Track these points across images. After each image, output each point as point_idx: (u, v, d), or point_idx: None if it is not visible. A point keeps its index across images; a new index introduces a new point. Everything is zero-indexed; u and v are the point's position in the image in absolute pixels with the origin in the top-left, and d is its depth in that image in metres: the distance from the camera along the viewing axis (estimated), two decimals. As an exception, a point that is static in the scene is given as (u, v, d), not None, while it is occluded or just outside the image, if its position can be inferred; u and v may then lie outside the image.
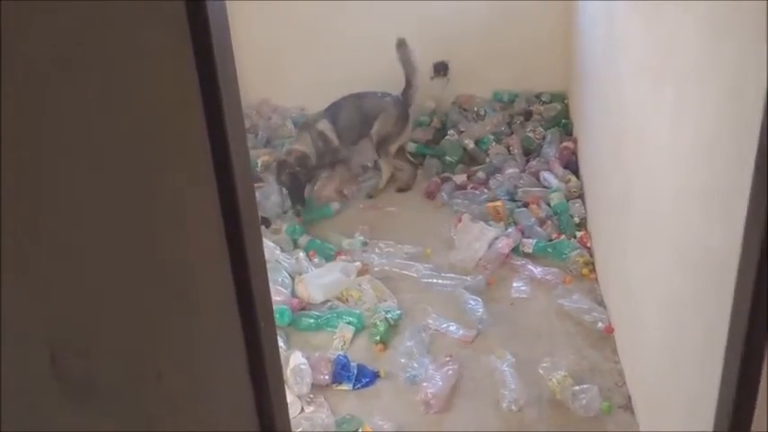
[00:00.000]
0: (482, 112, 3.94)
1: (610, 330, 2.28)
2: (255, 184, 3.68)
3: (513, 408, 2.00)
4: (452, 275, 2.67)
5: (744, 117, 1.10)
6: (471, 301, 2.48)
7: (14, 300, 0.69)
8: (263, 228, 3.11)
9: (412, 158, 3.58)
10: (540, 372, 2.10)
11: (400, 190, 3.49)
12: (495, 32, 3.98)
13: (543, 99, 3.96)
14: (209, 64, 0.81)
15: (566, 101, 3.91)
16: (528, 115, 3.86)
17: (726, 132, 1.22)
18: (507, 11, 3.94)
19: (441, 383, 2.06)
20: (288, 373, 2.10)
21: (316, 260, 2.83)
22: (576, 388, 2.01)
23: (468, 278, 2.62)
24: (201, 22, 0.79)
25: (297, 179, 3.28)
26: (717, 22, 1.27)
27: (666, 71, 1.64)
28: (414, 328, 2.37)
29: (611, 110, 2.51)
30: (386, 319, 2.36)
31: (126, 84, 0.75)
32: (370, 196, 3.45)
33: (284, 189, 3.34)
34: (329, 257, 2.87)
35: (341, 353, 2.25)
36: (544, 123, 3.75)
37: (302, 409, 2.07)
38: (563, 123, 3.72)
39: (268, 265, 2.63)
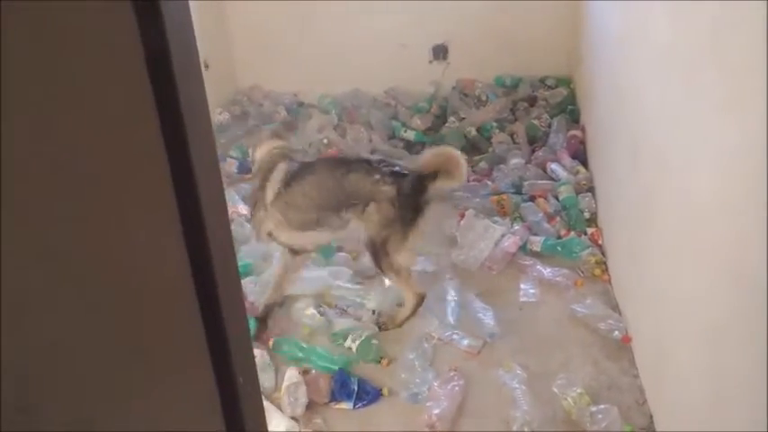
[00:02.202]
0: (484, 98, 3.74)
1: (627, 340, 2.12)
2: (246, 176, 3.49)
3: (526, 430, 1.84)
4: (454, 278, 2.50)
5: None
6: (477, 308, 2.31)
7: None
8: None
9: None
10: (555, 390, 1.94)
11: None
12: (496, 13, 3.77)
13: (548, 84, 3.76)
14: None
15: (572, 85, 3.71)
16: (532, 101, 3.67)
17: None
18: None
19: (446, 403, 1.90)
20: (282, 392, 1.93)
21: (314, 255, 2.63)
22: (594, 408, 1.85)
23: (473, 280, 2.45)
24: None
25: None
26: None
27: (710, 57, 1.45)
28: (416, 337, 2.20)
29: (625, 98, 2.32)
30: (365, 339, 2.14)
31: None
32: (380, 327, 2.27)
33: None
34: (328, 253, 2.67)
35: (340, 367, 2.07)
36: (549, 110, 3.56)
37: (297, 433, 1.90)
38: (569, 110, 3.53)
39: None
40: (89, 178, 0.61)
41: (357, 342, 2.09)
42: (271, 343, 2.17)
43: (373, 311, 2.29)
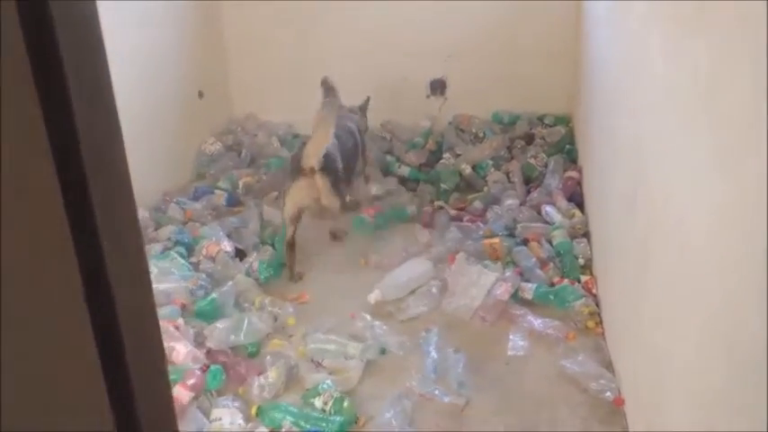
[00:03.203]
0: (481, 134, 3.67)
1: (620, 402, 1.99)
2: (235, 208, 3.41)
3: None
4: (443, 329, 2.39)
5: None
6: (461, 360, 2.20)
7: None
8: (236, 260, 2.83)
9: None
10: (539, 457, 1.82)
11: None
12: (495, 49, 3.72)
13: (546, 122, 3.69)
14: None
15: (570, 124, 3.63)
16: (530, 139, 3.59)
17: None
18: (509, 26, 3.68)
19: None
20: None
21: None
22: (581, 482, 1.73)
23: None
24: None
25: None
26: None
27: (705, 106, 1.35)
28: (395, 392, 2.09)
29: (622, 141, 2.22)
30: (337, 399, 2.03)
31: None
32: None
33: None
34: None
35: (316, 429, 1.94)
36: (547, 148, 3.48)
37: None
38: (567, 149, 3.45)
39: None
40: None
41: (330, 403, 1.97)
42: (254, 410, 2.04)
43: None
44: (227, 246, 2.88)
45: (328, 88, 3.11)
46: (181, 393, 2.03)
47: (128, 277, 0.69)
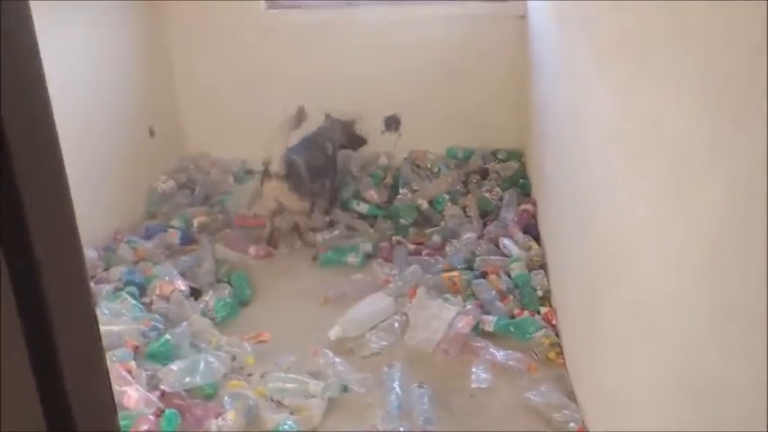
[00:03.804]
0: (436, 170, 3.71)
1: (583, 433, 2.00)
2: (189, 247, 3.33)
3: None
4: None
5: (762, 217, 0.86)
6: (425, 395, 2.17)
7: None
8: (191, 300, 2.74)
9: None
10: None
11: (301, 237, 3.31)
12: (447, 85, 3.80)
13: (499, 156, 3.77)
14: None
15: (523, 159, 3.72)
16: (484, 173, 3.65)
17: (737, 236, 0.97)
18: (460, 64, 3.77)
19: None
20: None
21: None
22: None
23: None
24: None
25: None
26: (719, 97, 1.03)
27: (650, 148, 1.40)
28: (358, 431, 2.04)
29: (573, 175, 2.28)
30: None
31: None
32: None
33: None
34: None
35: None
36: (501, 183, 3.54)
37: None
38: (521, 183, 3.52)
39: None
40: None
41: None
42: None
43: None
44: (182, 285, 2.79)
45: (300, 117, 3.29)
46: (134, 440, 1.93)
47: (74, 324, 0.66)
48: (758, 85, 0.86)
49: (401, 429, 2.05)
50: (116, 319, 2.47)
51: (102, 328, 2.42)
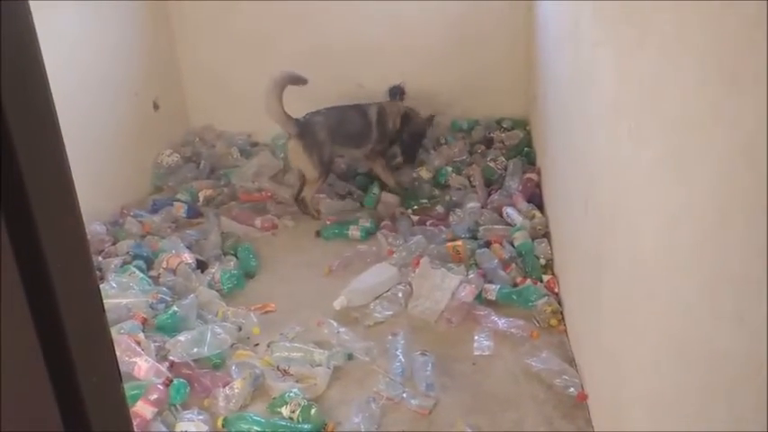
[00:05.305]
0: (443, 141, 3.71)
1: (583, 398, 2.03)
2: (195, 220, 3.36)
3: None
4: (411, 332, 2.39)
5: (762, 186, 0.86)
6: (429, 362, 2.20)
7: None
8: (198, 272, 2.78)
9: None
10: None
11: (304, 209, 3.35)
12: (452, 55, 3.77)
13: (504, 125, 3.75)
14: None
15: (528, 127, 3.70)
16: (489, 143, 3.64)
17: (735, 204, 0.98)
18: (463, 33, 3.73)
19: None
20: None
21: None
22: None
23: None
24: None
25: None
26: (719, 67, 1.03)
27: (649, 119, 1.39)
28: (363, 397, 2.08)
29: (576, 142, 2.27)
30: (304, 407, 2.00)
31: None
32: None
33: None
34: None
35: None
36: (506, 152, 3.53)
37: None
38: (526, 152, 3.51)
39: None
40: None
41: (297, 411, 1.95)
42: (220, 422, 2.01)
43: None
44: (189, 257, 2.83)
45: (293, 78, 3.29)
46: (144, 409, 1.98)
47: (77, 296, 0.68)
48: (757, 54, 0.86)
49: (404, 395, 2.09)
50: (124, 293, 2.51)
51: (111, 301, 2.48)
